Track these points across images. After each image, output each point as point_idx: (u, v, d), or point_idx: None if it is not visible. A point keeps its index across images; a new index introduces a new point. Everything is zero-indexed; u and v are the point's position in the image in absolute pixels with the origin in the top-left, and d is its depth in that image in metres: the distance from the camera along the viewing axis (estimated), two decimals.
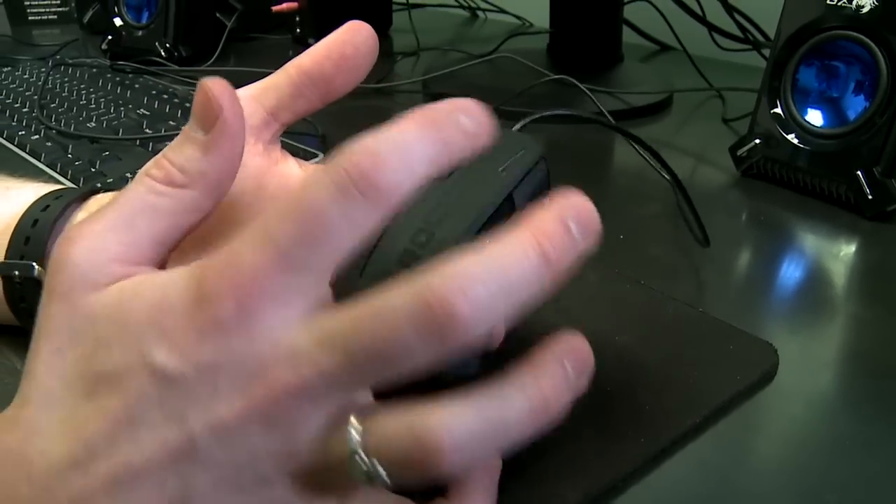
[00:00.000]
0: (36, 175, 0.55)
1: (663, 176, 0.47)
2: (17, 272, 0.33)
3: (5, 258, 0.34)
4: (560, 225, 0.21)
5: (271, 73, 0.31)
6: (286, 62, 0.31)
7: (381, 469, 0.20)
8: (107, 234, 0.23)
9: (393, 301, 0.20)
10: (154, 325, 0.21)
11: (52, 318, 0.23)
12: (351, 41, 0.30)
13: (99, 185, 0.51)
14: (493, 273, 0.20)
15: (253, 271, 0.20)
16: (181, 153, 0.24)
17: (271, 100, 0.31)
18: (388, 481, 0.20)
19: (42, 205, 0.34)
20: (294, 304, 0.21)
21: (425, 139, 0.21)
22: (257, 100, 0.31)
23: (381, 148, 0.21)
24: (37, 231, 0.34)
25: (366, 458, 0.20)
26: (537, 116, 0.34)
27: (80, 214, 0.35)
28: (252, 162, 0.30)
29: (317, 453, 0.21)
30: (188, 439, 0.20)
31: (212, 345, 0.20)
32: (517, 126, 0.30)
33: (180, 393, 0.20)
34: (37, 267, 0.33)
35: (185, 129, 0.24)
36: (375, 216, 0.21)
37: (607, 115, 0.65)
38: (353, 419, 0.21)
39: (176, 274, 0.22)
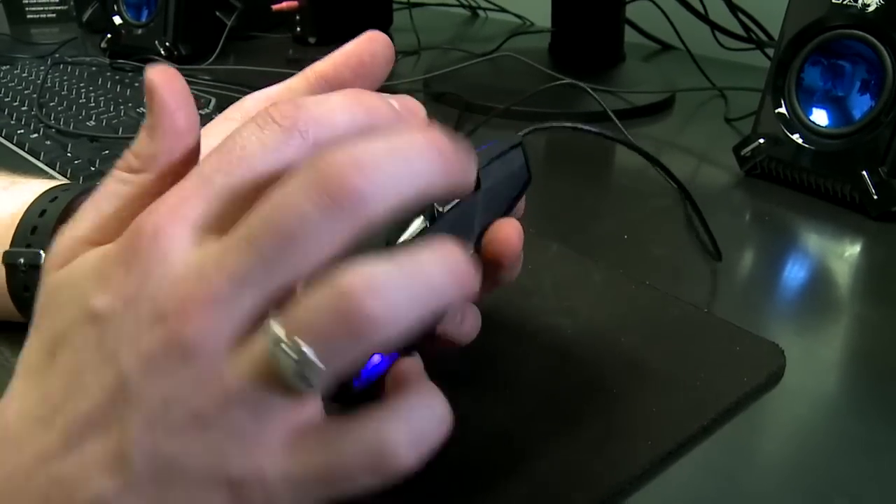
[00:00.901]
0: (35, 174, 0.54)
1: (671, 184, 0.47)
2: (22, 260, 0.33)
3: (11, 248, 0.34)
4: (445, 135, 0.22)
5: (271, 71, 0.32)
6: (286, 61, 0.31)
7: (307, 350, 0.19)
8: (78, 221, 0.24)
9: (289, 186, 0.20)
10: (94, 274, 0.22)
11: (37, 304, 0.24)
12: (368, 49, 0.30)
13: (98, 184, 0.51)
14: (387, 151, 0.20)
15: (175, 199, 0.22)
16: (136, 142, 0.24)
17: None
18: (320, 364, 0.19)
19: (51, 196, 0.35)
20: (198, 222, 0.21)
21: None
22: (274, 101, 0.30)
23: (306, 102, 0.22)
24: (44, 221, 0.34)
25: (290, 342, 0.19)
26: (546, 126, 0.34)
27: None
28: None
29: (242, 368, 0.20)
30: (120, 377, 0.20)
31: (135, 275, 0.21)
32: (522, 132, 0.31)
33: (112, 331, 0.21)
34: (43, 254, 0.33)
35: None
36: (292, 147, 0.22)
37: (616, 120, 0.64)
38: (270, 313, 0.20)
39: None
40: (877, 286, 0.43)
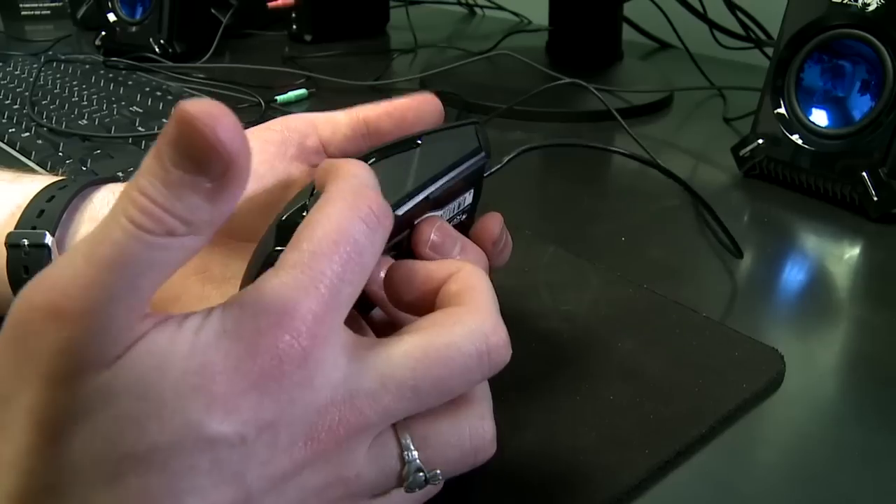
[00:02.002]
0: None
1: (671, 185, 0.46)
2: (26, 241, 0.32)
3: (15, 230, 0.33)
4: None
5: (267, 69, 0.32)
6: (282, 59, 0.31)
7: (439, 472, 0.23)
8: (111, 307, 0.18)
9: (460, 346, 0.23)
10: (200, 392, 0.19)
11: (45, 407, 0.19)
12: (416, 108, 0.32)
13: (120, 174, 0.51)
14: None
15: (313, 317, 0.20)
16: (181, 202, 0.19)
17: (327, 131, 0.32)
18: (442, 479, 0.24)
19: (60, 184, 0.35)
20: (336, 341, 0.22)
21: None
22: (317, 127, 0.32)
23: (374, 181, 0.24)
24: (52, 206, 0.33)
25: (427, 471, 0.23)
26: (537, 146, 0.35)
27: (98, 201, 0.35)
28: (300, 180, 0.31)
29: (364, 474, 0.22)
30: (244, 496, 0.20)
31: (272, 401, 0.20)
32: (510, 156, 0.35)
33: (238, 455, 0.20)
34: (49, 235, 0.32)
35: (175, 168, 0.19)
36: (386, 237, 0.23)
37: (621, 120, 0.64)
38: (408, 441, 0.23)
39: (209, 329, 0.20)
40: (877, 289, 0.43)
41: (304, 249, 0.21)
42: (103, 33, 0.87)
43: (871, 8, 0.49)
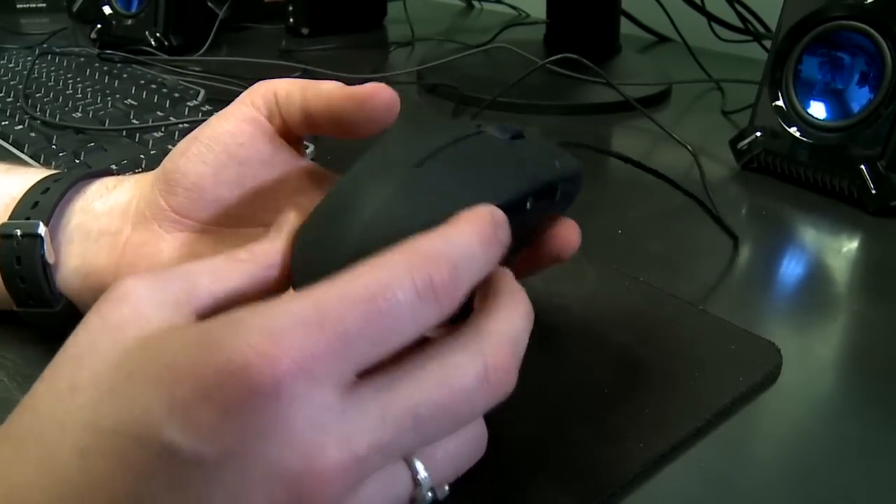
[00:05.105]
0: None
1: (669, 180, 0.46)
2: (19, 231, 0.32)
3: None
4: None
5: (263, 62, 0.31)
6: (279, 52, 0.31)
7: (447, 488, 0.23)
8: (169, 278, 0.23)
9: (461, 377, 0.21)
10: (162, 388, 0.18)
11: (91, 353, 0.20)
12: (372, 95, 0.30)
13: (114, 166, 0.51)
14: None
15: (304, 353, 0.18)
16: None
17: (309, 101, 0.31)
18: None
19: (56, 177, 0.35)
20: (332, 383, 0.19)
21: (484, 254, 0.22)
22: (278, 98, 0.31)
23: (458, 261, 0.21)
24: (46, 197, 0.33)
25: (434, 490, 0.22)
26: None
27: (91, 193, 0.34)
28: (280, 157, 0.31)
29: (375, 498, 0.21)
30: None
31: (238, 427, 0.18)
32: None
33: (198, 478, 0.18)
34: (42, 225, 0.32)
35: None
36: (438, 318, 0.21)
37: (640, 107, 0.63)
38: (419, 467, 0.22)
39: (198, 329, 0.20)
40: (875, 282, 0.43)
41: (330, 290, 0.20)
42: (99, 26, 0.87)
43: None
